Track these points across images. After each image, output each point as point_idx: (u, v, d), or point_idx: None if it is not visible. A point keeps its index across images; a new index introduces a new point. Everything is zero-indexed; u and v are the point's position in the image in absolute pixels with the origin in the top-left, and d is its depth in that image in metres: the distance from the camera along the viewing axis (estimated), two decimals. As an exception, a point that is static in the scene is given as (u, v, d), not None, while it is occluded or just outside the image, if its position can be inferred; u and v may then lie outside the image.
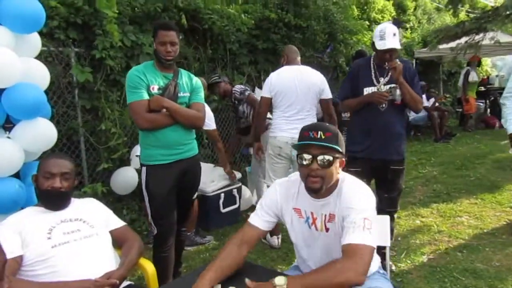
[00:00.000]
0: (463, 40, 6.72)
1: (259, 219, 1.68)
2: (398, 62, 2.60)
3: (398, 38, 2.61)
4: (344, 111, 2.94)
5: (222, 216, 3.97)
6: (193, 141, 2.58)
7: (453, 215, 4.00)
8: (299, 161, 1.55)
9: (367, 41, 7.17)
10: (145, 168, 2.45)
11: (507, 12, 6.08)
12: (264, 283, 1.39)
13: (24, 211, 1.82)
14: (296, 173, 1.67)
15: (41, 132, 2.52)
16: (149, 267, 1.98)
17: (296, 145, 1.57)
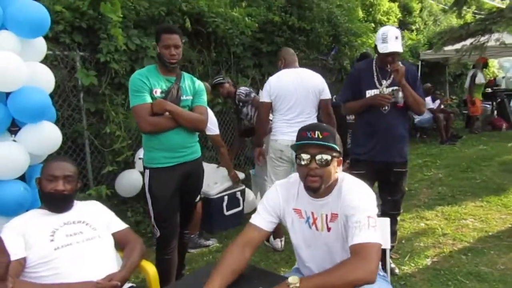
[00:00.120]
0: (468, 42, 6.69)
1: (262, 220, 1.67)
2: (400, 65, 2.61)
3: (401, 41, 2.61)
4: (346, 114, 2.93)
5: (226, 219, 3.98)
6: (196, 144, 2.59)
7: (458, 218, 3.98)
8: (298, 161, 1.57)
9: (372, 43, 7.15)
10: (148, 171, 2.47)
11: (513, 14, 6.05)
12: (279, 286, 1.39)
13: (28, 214, 1.84)
14: (296, 174, 1.68)
15: (46, 135, 2.53)
16: (151, 269, 1.99)
17: (294, 145, 1.59)
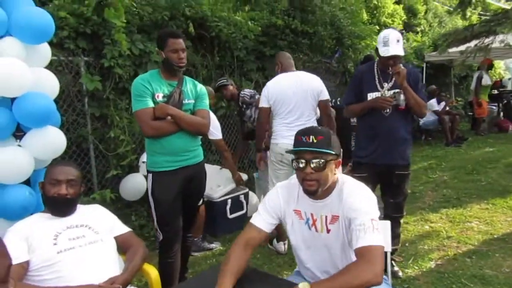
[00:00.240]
0: (473, 44, 6.66)
1: (263, 221, 1.73)
2: (402, 67, 2.61)
3: (402, 45, 2.62)
4: (348, 117, 2.94)
5: (229, 222, 3.98)
6: (199, 148, 2.61)
7: (463, 221, 3.95)
8: (295, 165, 1.60)
9: (376, 46, 7.14)
10: (151, 175, 2.49)
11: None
12: None
13: (32, 218, 1.86)
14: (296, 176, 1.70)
15: (51, 140, 2.56)
16: (153, 273, 2.01)
17: (290, 151, 1.62)
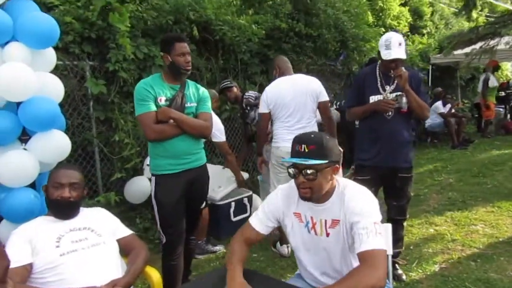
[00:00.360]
0: (478, 46, 6.62)
1: (260, 223, 1.75)
2: (404, 70, 2.61)
3: (404, 48, 2.61)
4: (350, 119, 2.94)
5: (233, 225, 3.97)
6: (201, 151, 2.62)
7: (468, 224, 3.92)
8: (289, 173, 1.61)
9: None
10: (154, 178, 2.51)
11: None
12: None
13: (35, 220, 1.88)
14: None
15: (56, 144, 2.59)
16: (155, 275, 2.01)
17: (284, 160, 1.64)
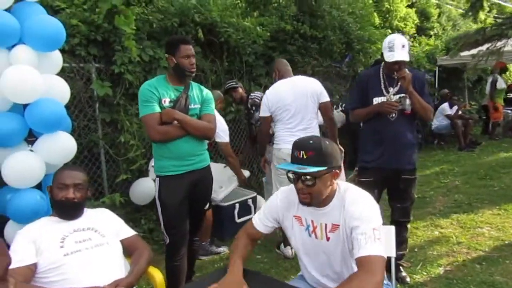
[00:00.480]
0: (485, 47, 6.57)
1: (261, 223, 1.80)
2: (407, 72, 2.60)
3: (407, 50, 2.61)
4: (354, 121, 2.94)
5: (237, 226, 3.95)
6: (205, 152, 2.64)
7: (474, 226, 3.90)
8: (289, 177, 1.61)
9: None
10: (158, 179, 2.53)
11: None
12: None
13: (40, 221, 1.90)
14: None
15: (62, 145, 2.61)
16: (158, 276, 2.03)
17: (281, 167, 1.67)
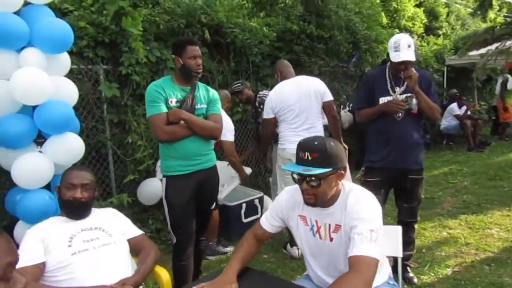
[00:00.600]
0: (494, 47, 6.50)
1: (267, 223, 1.82)
2: (414, 71, 2.59)
3: (413, 50, 2.59)
4: (360, 121, 2.93)
5: (244, 226, 3.99)
6: (211, 152, 2.65)
7: (483, 227, 3.86)
8: (294, 178, 1.61)
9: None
10: (165, 179, 2.54)
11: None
12: None
13: (48, 221, 1.93)
14: None
15: (70, 146, 2.66)
16: (164, 275, 2.04)
17: (286, 168, 1.65)
